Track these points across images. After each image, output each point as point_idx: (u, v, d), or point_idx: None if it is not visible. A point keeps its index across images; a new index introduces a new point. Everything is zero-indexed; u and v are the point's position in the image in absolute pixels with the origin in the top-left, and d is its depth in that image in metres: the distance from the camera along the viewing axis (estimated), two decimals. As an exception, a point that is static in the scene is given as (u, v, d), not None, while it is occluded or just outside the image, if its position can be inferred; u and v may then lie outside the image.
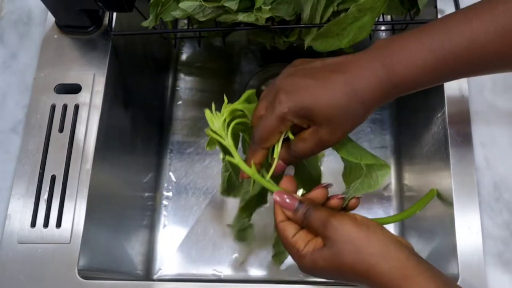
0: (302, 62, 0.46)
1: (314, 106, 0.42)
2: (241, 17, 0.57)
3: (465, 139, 0.59)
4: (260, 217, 0.79)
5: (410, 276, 0.40)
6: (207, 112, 0.47)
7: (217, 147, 0.50)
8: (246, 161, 0.47)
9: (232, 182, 0.57)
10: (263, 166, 0.48)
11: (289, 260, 0.75)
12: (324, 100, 0.42)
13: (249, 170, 0.46)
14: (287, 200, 0.45)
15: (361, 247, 0.41)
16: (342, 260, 0.42)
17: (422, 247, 0.69)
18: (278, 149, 0.46)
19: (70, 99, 0.63)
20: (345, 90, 0.42)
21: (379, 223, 0.44)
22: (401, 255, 0.41)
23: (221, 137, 0.46)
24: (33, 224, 0.57)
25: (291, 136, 0.46)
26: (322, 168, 0.56)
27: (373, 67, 0.42)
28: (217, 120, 0.47)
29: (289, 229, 0.45)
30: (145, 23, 0.60)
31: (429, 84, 0.44)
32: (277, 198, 0.46)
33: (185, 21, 0.82)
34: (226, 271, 0.76)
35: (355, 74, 0.42)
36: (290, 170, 0.51)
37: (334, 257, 0.42)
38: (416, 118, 0.74)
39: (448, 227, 0.57)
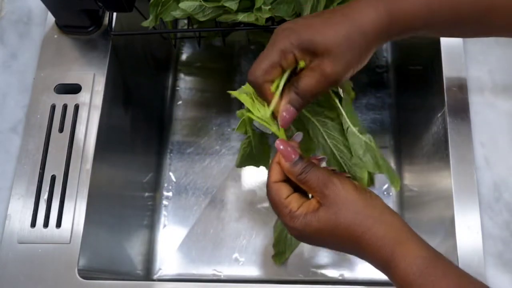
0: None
1: (315, 38, 0.42)
2: (241, 17, 0.57)
3: (465, 139, 0.59)
4: (260, 217, 0.79)
5: (403, 241, 0.41)
6: (235, 93, 0.47)
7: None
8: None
9: (252, 155, 0.56)
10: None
11: (289, 260, 0.75)
12: (325, 31, 0.42)
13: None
14: (289, 149, 0.45)
15: (360, 209, 0.42)
16: (338, 220, 0.42)
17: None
18: (280, 83, 0.44)
19: (70, 99, 0.63)
20: (346, 22, 0.43)
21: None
22: (397, 221, 0.42)
23: (266, 122, 0.47)
24: (33, 224, 0.57)
25: (302, 64, 0.44)
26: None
27: (374, 3, 0.43)
28: (262, 109, 0.46)
29: (283, 190, 0.45)
30: (145, 23, 0.60)
31: (427, 28, 0.45)
32: (280, 146, 0.45)
33: (185, 21, 0.82)
34: (226, 271, 0.76)
35: (357, 10, 0.43)
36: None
37: (332, 217, 0.42)
38: (416, 118, 0.74)
39: (448, 227, 0.57)
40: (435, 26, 0.46)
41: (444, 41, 0.63)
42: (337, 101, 0.48)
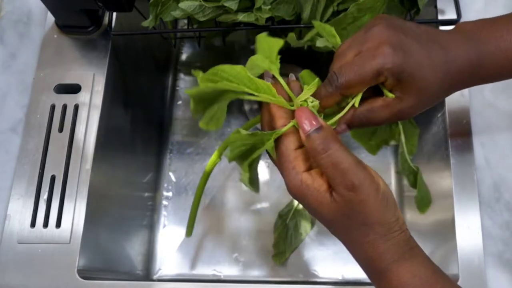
0: (392, 17, 0.43)
1: (415, 73, 0.39)
2: (241, 17, 0.57)
3: (465, 139, 0.59)
4: (260, 217, 0.79)
5: (403, 259, 0.38)
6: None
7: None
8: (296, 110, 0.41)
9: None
10: None
11: (289, 260, 0.75)
12: (425, 71, 0.40)
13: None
14: (310, 117, 0.39)
15: (370, 221, 0.37)
16: (343, 221, 0.38)
17: (422, 247, 0.68)
18: (355, 102, 0.41)
19: (69, 99, 0.63)
20: (443, 68, 0.40)
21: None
22: (403, 237, 0.39)
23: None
24: (33, 224, 0.57)
25: (391, 95, 0.41)
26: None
27: (467, 50, 0.41)
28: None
29: (294, 138, 0.40)
30: (145, 23, 0.60)
31: (509, 75, 0.45)
32: (300, 112, 0.39)
33: (185, 21, 0.82)
34: (226, 271, 0.76)
35: (453, 54, 0.41)
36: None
37: (336, 213, 0.38)
38: (416, 118, 0.73)
39: (448, 227, 0.57)
40: None
41: (444, 41, 0.63)
42: (400, 124, 0.47)
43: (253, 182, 0.43)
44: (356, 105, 0.41)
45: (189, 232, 0.49)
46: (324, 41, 0.47)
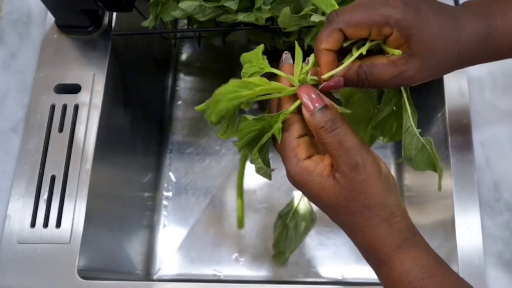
0: None
1: (424, 32, 0.37)
2: (241, 17, 0.57)
3: (465, 139, 0.59)
4: (260, 217, 0.79)
5: (404, 247, 0.38)
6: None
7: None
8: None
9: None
10: None
11: (289, 260, 0.75)
12: (434, 32, 0.38)
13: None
14: (313, 96, 0.38)
15: (373, 204, 0.37)
16: (344, 205, 0.38)
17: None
18: (352, 57, 0.38)
19: (69, 99, 0.63)
20: (451, 34, 0.39)
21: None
22: (404, 224, 0.38)
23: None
24: (32, 224, 0.57)
25: (396, 52, 0.38)
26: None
27: (479, 25, 0.40)
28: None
29: (296, 127, 0.39)
30: (145, 23, 0.60)
31: None
32: (300, 92, 0.38)
33: (185, 21, 0.82)
34: (226, 271, 0.76)
35: (462, 24, 0.40)
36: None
37: (339, 197, 0.38)
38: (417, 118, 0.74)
39: (448, 227, 0.57)
40: None
41: (444, 41, 0.63)
42: (405, 94, 0.43)
43: (266, 169, 0.43)
44: (364, 52, 0.38)
45: (240, 225, 0.46)
46: (319, 16, 0.45)
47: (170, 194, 0.81)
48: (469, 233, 0.55)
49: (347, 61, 0.39)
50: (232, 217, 0.79)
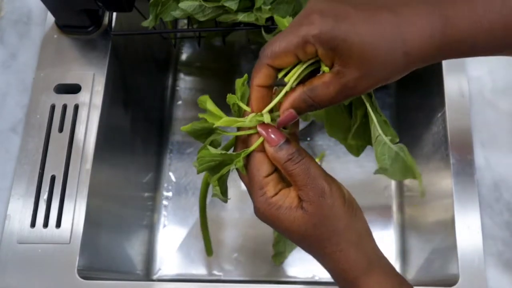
0: None
1: (350, 39, 0.34)
2: (241, 17, 0.57)
3: (465, 139, 0.59)
4: (260, 217, 0.79)
5: (370, 271, 0.39)
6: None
7: None
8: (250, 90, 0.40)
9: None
10: None
11: (289, 260, 0.75)
12: (364, 35, 0.34)
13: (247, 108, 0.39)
14: (272, 136, 0.38)
15: (340, 230, 0.38)
16: (313, 232, 0.38)
17: (422, 247, 0.68)
18: (292, 77, 0.38)
19: (69, 99, 0.63)
20: (391, 32, 0.35)
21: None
22: (372, 249, 0.40)
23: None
24: (32, 224, 0.57)
25: (325, 69, 0.37)
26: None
27: (430, 16, 0.35)
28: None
29: (265, 166, 0.39)
30: (145, 23, 0.60)
31: (485, 52, 0.37)
32: (261, 130, 0.39)
33: (185, 21, 0.82)
34: (226, 271, 0.76)
35: (408, 19, 0.35)
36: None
37: (308, 226, 0.38)
38: (416, 118, 0.74)
39: (448, 227, 0.57)
40: (496, 51, 0.37)
41: (444, 41, 0.63)
42: (367, 103, 0.41)
43: (223, 194, 0.44)
44: (289, 81, 0.38)
45: (209, 252, 0.47)
46: None
47: (170, 194, 0.81)
48: (469, 233, 0.55)
49: (279, 95, 0.38)
50: (232, 217, 0.79)
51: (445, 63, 0.62)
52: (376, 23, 0.35)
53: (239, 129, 0.41)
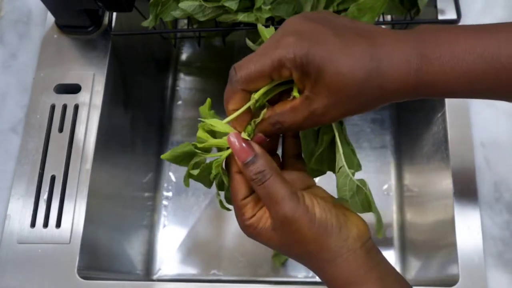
0: (328, 13, 0.37)
1: (325, 66, 0.33)
2: (241, 17, 0.57)
3: (465, 139, 0.59)
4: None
5: (355, 284, 0.37)
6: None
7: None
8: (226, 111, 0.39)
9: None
10: None
11: (289, 260, 0.75)
12: (340, 64, 0.33)
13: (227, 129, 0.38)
14: (243, 145, 0.37)
15: (312, 249, 0.37)
16: (289, 249, 0.38)
17: (422, 247, 0.69)
18: (260, 99, 0.37)
19: (69, 99, 0.63)
20: (368, 64, 0.33)
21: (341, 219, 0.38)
22: (353, 263, 0.37)
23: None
24: (32, 224, 0.57)
25: (296, 94, 0.36)
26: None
27: (408, 51, 0.34)
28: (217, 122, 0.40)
29: (242, 189, 0.39)
30: (145, 23, 0.60)
31: (463, 95, 0.36)
32: (232, 139, 0.37)
33: (185, 21, 0.82)
34: (226, 271, 0.76)
35: (386, 51, 0.34)
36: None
37: (283, 243, 0.38)
38: (416, 118, 0.74)
39: (448, 227, 0.57)
40: (473, 95, 0.36)
41: (444, 41, 0.63)
42: (336, 131, 0.40)
43: (222, 204, 0.45)
44: (255, 103, 0.37)
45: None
46: None
47: (170, 194, 0.81)
48: (469, 233, 0.55)
49: (241, 110, 0.38)
50: (233, 217, 0.79)
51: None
52: (353, 53, 0.34)
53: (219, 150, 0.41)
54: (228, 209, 0.45)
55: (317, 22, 0.35)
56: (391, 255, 0.75)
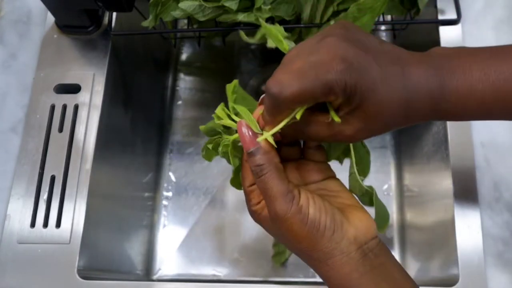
0: (354, 27, 0.38)
1: (369, 97, 0.35)
2: (241, 17, 0.57)
3: (465, 139, 0.59)
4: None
5: (351, 284, 0.37)
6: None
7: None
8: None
9: None
10: None
11: (289, 260, 0.75)
12: (381, 95, 0.35)
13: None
14: (248, 135, 0.38)
15: (305, 250, 0.37)
16: (286, 240, 0.39)
17: (422, 247, 0.69)
18: (296, 115, 0.37)
19: (69, 99, 0.63)
20: (401, 95, 0.36)
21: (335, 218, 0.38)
22: (347, 265, 0.37)
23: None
24: (32, 224, 0.57)
25: (337, 119, 0.37)
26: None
27: (429, 79, 0.36)
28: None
29: (250, 176, 0.40)
30: (145, 23, 0.60)
31: (476, 117, 0.39)
32: (242, 128, 0.38)
33: (185, 21, 0.82)
34: (226, 271, 0.76)
35: (414, 81, 0.36)
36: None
37: (279, 233, 0.38)
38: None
39: (448, 227, 0.57)
40: (491, 117, 0.39)
41: (444, 41, 0.63)
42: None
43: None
44: (298, 117, 0.37)
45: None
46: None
47: (170, 194, 0.81)
48: (469, 233, 0.55)
49: (283, 122, 0.37)
50: (232, 217, 0.79)
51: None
52: (391, 84, 0.36)
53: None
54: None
55: (358, 46, 0.36)
56: (391, 255, 0.75)
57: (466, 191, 0.57)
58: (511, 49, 0.38)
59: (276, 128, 0.38)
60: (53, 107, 0.62)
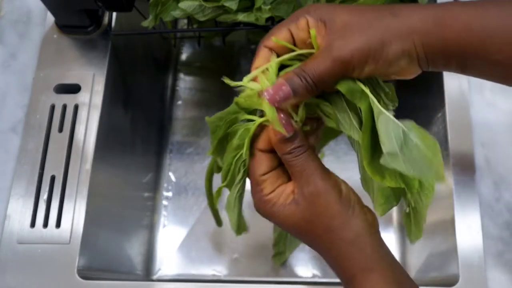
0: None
1: (336, 11, 0.37)
2: (241, 17, 0.57)
3: (465, 139, 0.59)
4: (260, 217, 0.79)
5: (368, 269, 0.38)
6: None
7: None
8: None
9: None
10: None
11: (289, 260, 0.75)
12: (350, 9, 0.38)
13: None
14: (284, 121, 0.38)
15: (334, 228, 0.38)
16: (307, 228, 0.39)
17: (422, 247, 0.68)
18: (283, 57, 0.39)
19: (69, 99, 0.63)
20: (383, 13, 0.37)
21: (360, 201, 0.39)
22: (369, 247, 0.38)
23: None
24: (32, 224, 0.57)
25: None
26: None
27: (423, 15, 0.37)
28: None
29: (263, 164, 0.40)
30: (145, 23, 0.60)
31: (475, 62, 0.39)
32: (274, 116, 0.38)
33: (185, 21, 0.82)
34: (226, 271, 0.76)
35: (405, 14, 0.37)
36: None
37: (301, 223, 0.39)
38: (416, 118, 0.73)
39: (448, 227, 0.57)
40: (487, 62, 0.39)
41: (444, 41, 0.63)
42: (367, 90, 0.39)
43: (240, 225, 0.46)
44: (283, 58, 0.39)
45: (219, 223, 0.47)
46: None
47: (170, 194, 0.81)
48: (469, 233, 0.55)
49: (273, 61, 0.39)
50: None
51: (445, 63, 0.62)
52: (367, 11, 0.37)
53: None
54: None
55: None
56: (391, 255, 0.75)
57: (466, 191, 0.57)
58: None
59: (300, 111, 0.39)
60: (53, 107, 0.62)
